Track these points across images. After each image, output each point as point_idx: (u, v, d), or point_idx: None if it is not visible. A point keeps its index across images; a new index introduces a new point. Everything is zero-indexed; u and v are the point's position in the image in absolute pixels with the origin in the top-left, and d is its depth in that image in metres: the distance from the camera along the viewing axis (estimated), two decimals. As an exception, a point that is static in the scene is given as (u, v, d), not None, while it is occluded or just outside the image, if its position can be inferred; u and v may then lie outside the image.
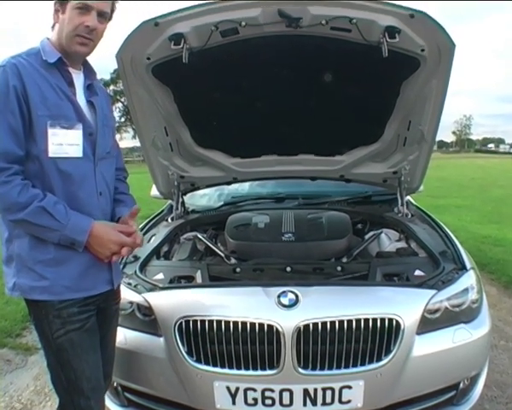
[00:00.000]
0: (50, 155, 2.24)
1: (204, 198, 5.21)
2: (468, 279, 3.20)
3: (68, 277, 2.31)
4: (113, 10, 2.42)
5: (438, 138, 4.02)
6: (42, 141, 2.22)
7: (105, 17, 2.37)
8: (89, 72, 2.52)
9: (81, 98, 2.41)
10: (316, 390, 2.80)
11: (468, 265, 3.33)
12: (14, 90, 2.16)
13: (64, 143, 2.27)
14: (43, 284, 2.27)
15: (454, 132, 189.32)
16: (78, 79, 2.44)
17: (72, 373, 2.37)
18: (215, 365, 2.85)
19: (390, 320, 2.81)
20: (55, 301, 2.29)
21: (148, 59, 3.32)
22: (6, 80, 2.16)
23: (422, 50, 3.23)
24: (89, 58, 2.50)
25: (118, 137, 77.39)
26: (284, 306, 2.84)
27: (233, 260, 3.74)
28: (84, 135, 2.35)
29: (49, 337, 2.33)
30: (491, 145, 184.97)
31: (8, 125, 2.16)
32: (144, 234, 3.95)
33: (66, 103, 2.31)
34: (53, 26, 2.40)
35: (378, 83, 3.53)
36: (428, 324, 2.93)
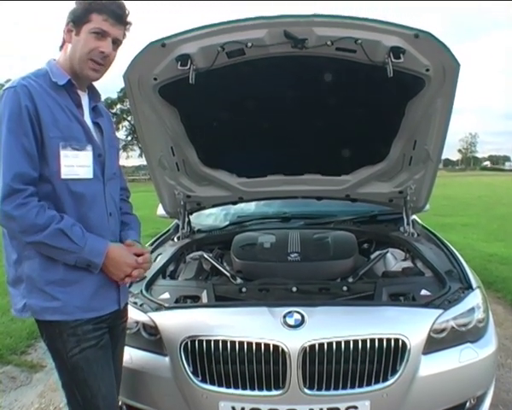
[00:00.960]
0: (63, 176, 2.26)
1: (210, 218, 5.22)
2: (474, 298, 3.19)
3: (80, 297, 2.32)
4: (124, 37, 2.45)
5: (443, 157, 4.03)
6: (54, 162, 2.24)
7: (118, 44, 2.40)
8: (93, 94, 2.54)
9: (88, 120, 2.44)
10: (321, 411, 2.79)
11: (474, 284, 3.32)
12: (27, 111, 2.18)
13: (75, 164, 2.29)
14: (54, 305, 2.27)
15: (460, 150, 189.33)
16: (84, 100, 2.46)
17: (88, 391, 2.36)
18: (220, 385, 2.84)
19: (396, 340, 2.80)
20: (69, 320, 2.30)
21: (155, 79, 3.35)
22: (18, 101, 2.18)
23: (427, 70, 3.24)
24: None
25: (124, 155, 78.10)
26: (290, 326, 2.84)
27: (239, 280, 3.73)
28: (94, 156, 2.37)
29: (64, 356, 2.33)
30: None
31: (22, 147, 2.17)
32: (150, 253, 3.95)
33: (76, 125, 2.33)
34: (61, 46, 2.42)
35: (383, 103, 3.55)
36: (434, 343, 2.92)
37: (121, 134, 77.07)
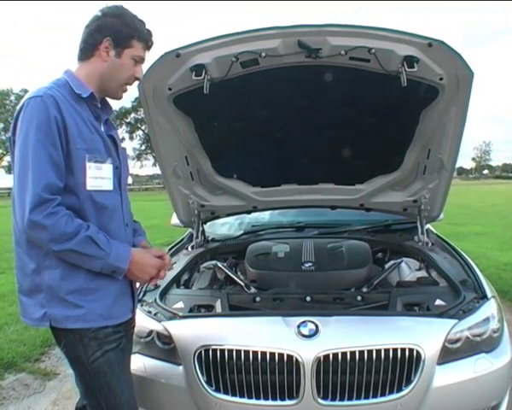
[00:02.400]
0: (88, 187, 2.29)
1: (224, 227, 5.22)
2: (489, 308, 3.17)
3: (102, 305, 2.34)
4: None
5: (457, 165, 4.00)
6: (80, 174, 2.27)
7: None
8: (105, 107, 2.57)
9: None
10: (335, 421, 2.78)
11: (488, 293, 3.30)
12: (56, 122, 2.20)
13: (98, 176, 2.33)
14: (77, 313, 2.29)
15: (473, 159, 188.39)
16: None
17: (112, 395, 2.38)
18: (234, 394, 2.85)
19: (410, 350, 2.79)
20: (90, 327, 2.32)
21: (170, 89, 3.37)
22: (47, 111, 2.19)
23: (441, 79, 3.24)
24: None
25: (138, 164, 78.53)
26: (304, 336, 2.83)
27: (253, 290, 3.72)
28: (113, 168, 2.41)
29: (85, 362, 2.34)
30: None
31: (50, 157, 2.19)
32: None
33: (97, 137, 2.36)
34: (88, 58, 2.41)
35: (397, 112, 3.55)
36: (449, 354, 2.90)
37: (135, 143, 77.69)
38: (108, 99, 2.58)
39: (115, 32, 2.34)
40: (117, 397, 2.38)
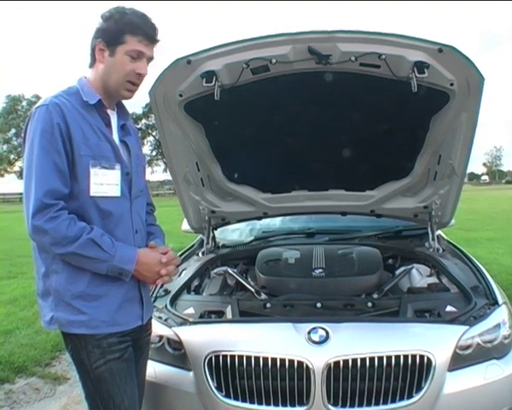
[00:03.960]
0: (91, 194, 2.30)
1: (235, 233, 5.22)
2: (501, 314, 3.15)
3: (106, 311, 2.35)
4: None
5: (468, 170, 3.99)
6: (83, 180, 2.29)
7: (150, 62, 2.45)
8: (122, 112, 2.59)
9: (116, 138, 2.48)
10: (346, 428, 2.77)
11: (500, 300, 3.28)
12: (59, 129, 2.23)
13: (104, 182, 2.34)
14: (81, 319, 2.30)
15: (485, 164, 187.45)
16: (113, 119, 2.51)
17: (112, 403, 2.38)
18: (244, 400, 2.85)
19: (421, 357, 2.78)
20: (94, 333, 2.33)
21: (181, 96, 3.39)
22: (50, 119, 2.22)
23: (451, 84, 3.23)
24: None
25: (149, 170, 78.70)
26: (314, 342, 2.83)
27: (263, 296, 3.72)
28: (122, 175, 2.41)
29: (88, 368, 2.35)
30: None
31: (53, 164, 2.22)
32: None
33: (105, 144, 2.37)
34: (92, 65, 2.44)
35: (408, 117, 3.54)
36: (460, 360, 2.89)
37: (146, 149, 77.93)
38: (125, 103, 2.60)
39: (106, 32, 2.35)
40: (116, 406, 2.38)
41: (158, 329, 3.07)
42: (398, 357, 2.77)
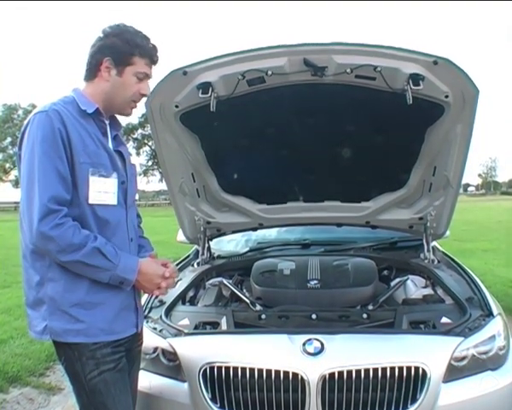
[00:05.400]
0: (90, 201, 2.32)
1: (231, 244, 5.22)
2: (495, 326, 3.15)
3: (103, 319, 2.35)
4: None
5: (463, 181, 4.00)
6: (83, 187, 2.30)
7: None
8: (114, 123, 2.60)
9: (111, 147, 2.49)
10: (341, 440, 2.76)
11: (494, 311, 3.29)
12: (60, 135, 2.24)
13: (102, 190, 2.35)
14: (78, 327, 2.30)
15: (480, 175, 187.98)
16: (107, 129, 2.52)
17: None
18: (239, 412, 2.84)
19: (416, 369, 2.78)
20: (89, 342, 2.32)
21: (177, 107, 3.40)
22: (51, 124, 2.23)
23: (446, 97, 3.25)
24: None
25: (145, 180, 78.66)
26: (309, 354, 2.83)
27: (258, 307, 3.70)
28: (118, 183, 2.43)
29: (83, 379, 2.35)
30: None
31: (56, 170, 2.22)
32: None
33: (103, 152, 2.39)
34: (92, 78, 2.45)
35: (403, 129, 3.56)
36: (455, 372, 2.89)
37: (142, 159, 77.80)
38: (118, 115, 2.62)
39: (115, 51, 2.38)
40: None
41: (153, 340, 3.07)
42: (393, 369, 2.76)
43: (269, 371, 2.79)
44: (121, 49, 2.37)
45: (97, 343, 2.34)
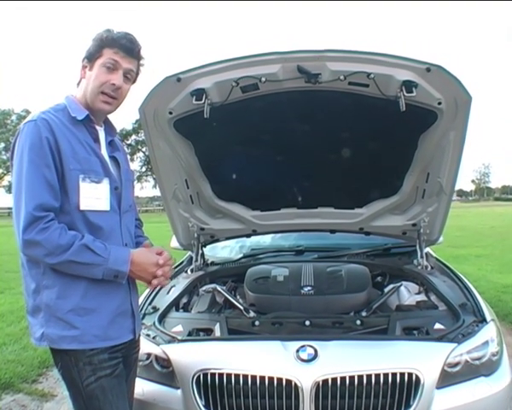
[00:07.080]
0: (81, 207, 2.31)
1: (225, 250, 5.23)
2: (488, 332, 3.16)
3: (98, 325, 2.34)
4: (137, 73, 2.52)
5: (456, 188, 4.01)
6: (73, 194, 2.30)
7: (130, 77, 2.47)
8: (109, 128, 2.61)
9: (105, 154, 2.49)
10: (335, 446, 2.76)
11: (488, 317, 3.30)
12: (48, 143, 2.24)
13: (93, 196, 2.35)
14: (72, 334, 2.29)
15: (473, 181, 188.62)
16: (101, 135, 2.53)
17: None
18: (233, 419, 2.83)
19: (410, 375, 2.79)
20: (86, 349, 2.32)
21: (171, 113, 3.40)
22: (39, 133, 2.24)
23: (439, 103, 3.27)
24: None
25: (138, 186, 78.48)
26: (303, 360, 2.83)
27: (252, 314, 3.70)
28: (111, 189, 2.43)
29: (79, 385, 2.34)
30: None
31: (43, 178, 2.23)
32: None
33: (94, 158, 2.39)
34: (78, 83, 2.49)
35: (396, 136, 3.57)
36: (448, 378, 2.90)
37: (136, 165, 77.71)
38: (113, 118, 2.64)
39: (88, 50, 2.43)
40: None
41: (146, 346, 3.06)
42: (386, 375, 2.77)
43: (262, 378, 2.79)
44: (92, 45, 2.41)
45: (94, 349, 2.33)
